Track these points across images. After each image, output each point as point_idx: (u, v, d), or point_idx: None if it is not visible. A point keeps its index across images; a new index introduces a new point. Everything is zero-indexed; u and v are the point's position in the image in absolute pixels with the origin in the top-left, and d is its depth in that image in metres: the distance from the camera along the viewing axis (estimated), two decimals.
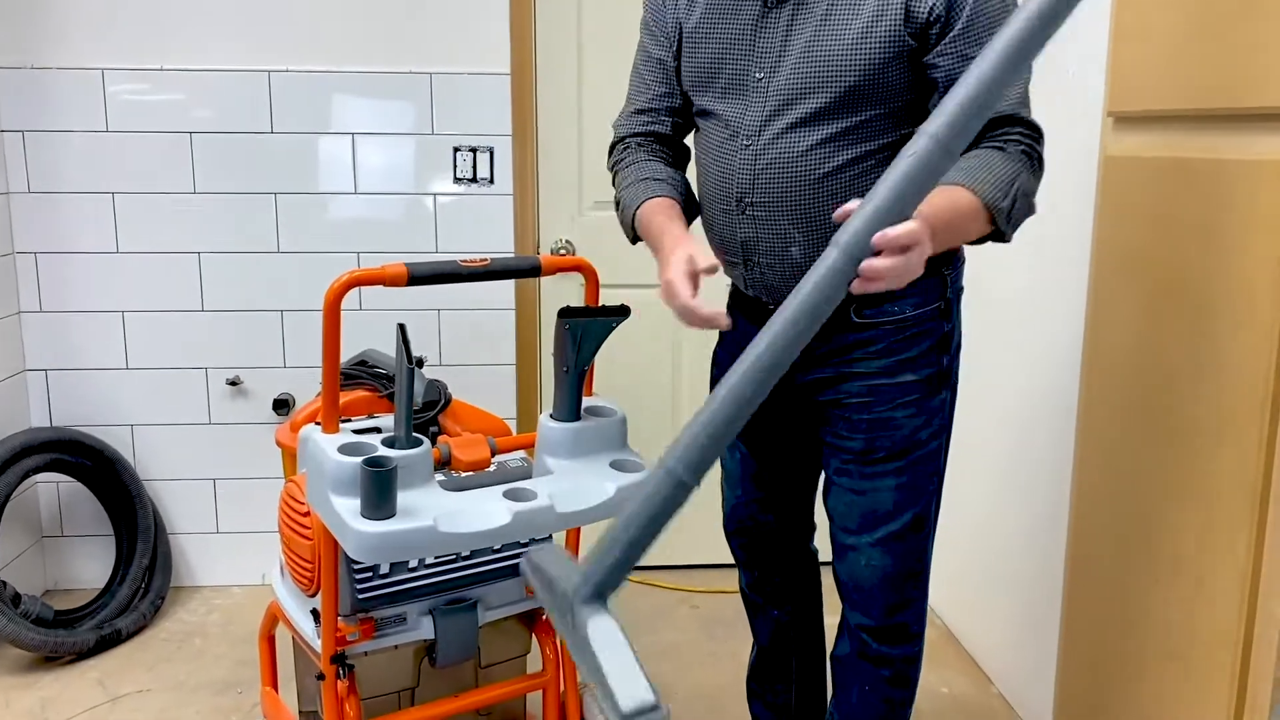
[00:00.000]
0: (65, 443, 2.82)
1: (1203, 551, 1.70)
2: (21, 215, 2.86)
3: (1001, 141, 1.53)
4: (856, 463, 1.74)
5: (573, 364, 1.77)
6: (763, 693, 2.14)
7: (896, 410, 1.69)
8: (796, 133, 1.60)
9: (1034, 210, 1.55)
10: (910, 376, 1.69)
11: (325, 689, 1.81)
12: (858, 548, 1.77)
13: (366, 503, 1.56)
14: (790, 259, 1.66)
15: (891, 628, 1.79)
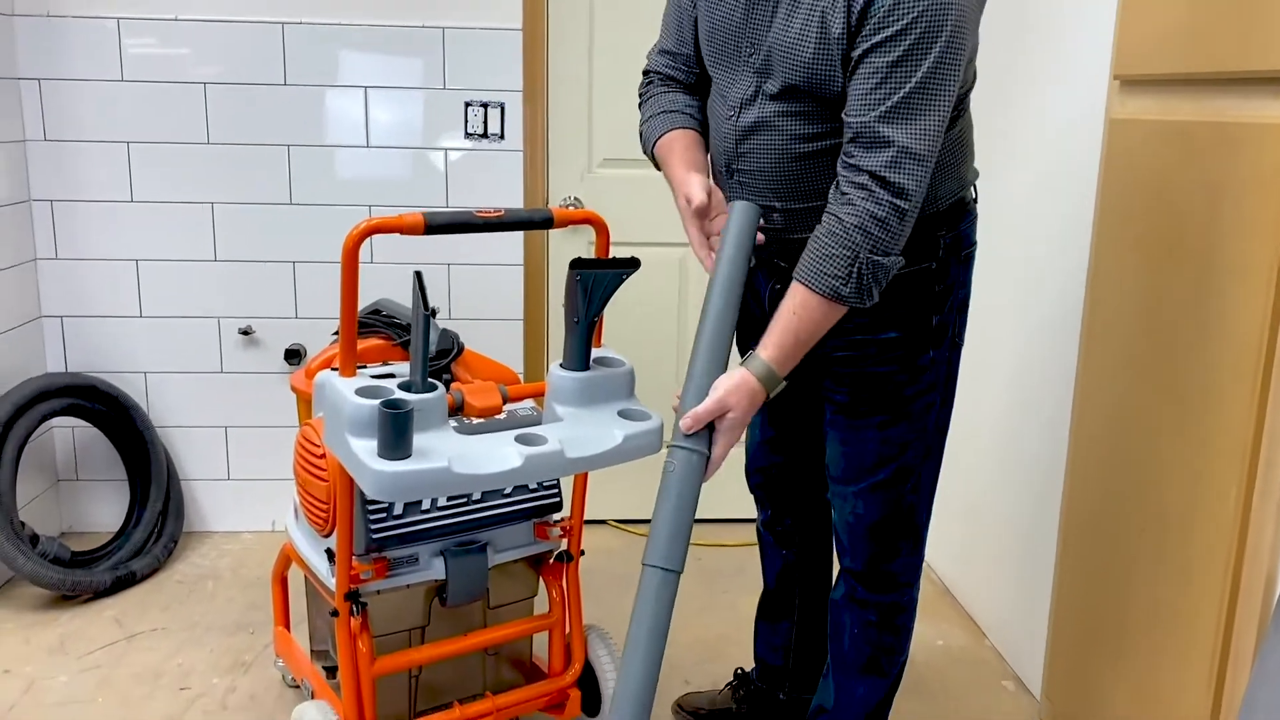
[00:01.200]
0: (81, 388, 2.88)
1: (1193, 508, 1.75)
2: (38, 163, 2.90)
3: (840, 207, 1.53)
4: (843, 414, 1.80)
5: (583, 315, 1.81)
6: (767, 631, 2.21)
7: (881, 366, 1.75)
8: (777, 110, 1.64)
9: (891, 267, 1.54)
10: (893, 334, 1.73)
11: (339, 625, 1.87)
12: (845, 496, 1.85)
13: (383, 443, 1.60)
14: (772, 223, 1.72)
15: (877, 575, 1.87)
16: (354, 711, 1.88)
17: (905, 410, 1.77)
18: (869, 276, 1.52)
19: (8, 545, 2.56)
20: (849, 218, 1.51)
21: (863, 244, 1.51)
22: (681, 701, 2.28)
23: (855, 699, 1.93)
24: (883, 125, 1.49)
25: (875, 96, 1.49)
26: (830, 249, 1.53)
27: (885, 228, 1.51)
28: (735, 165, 1.72)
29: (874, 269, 1.52)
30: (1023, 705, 2.37)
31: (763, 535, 2.19)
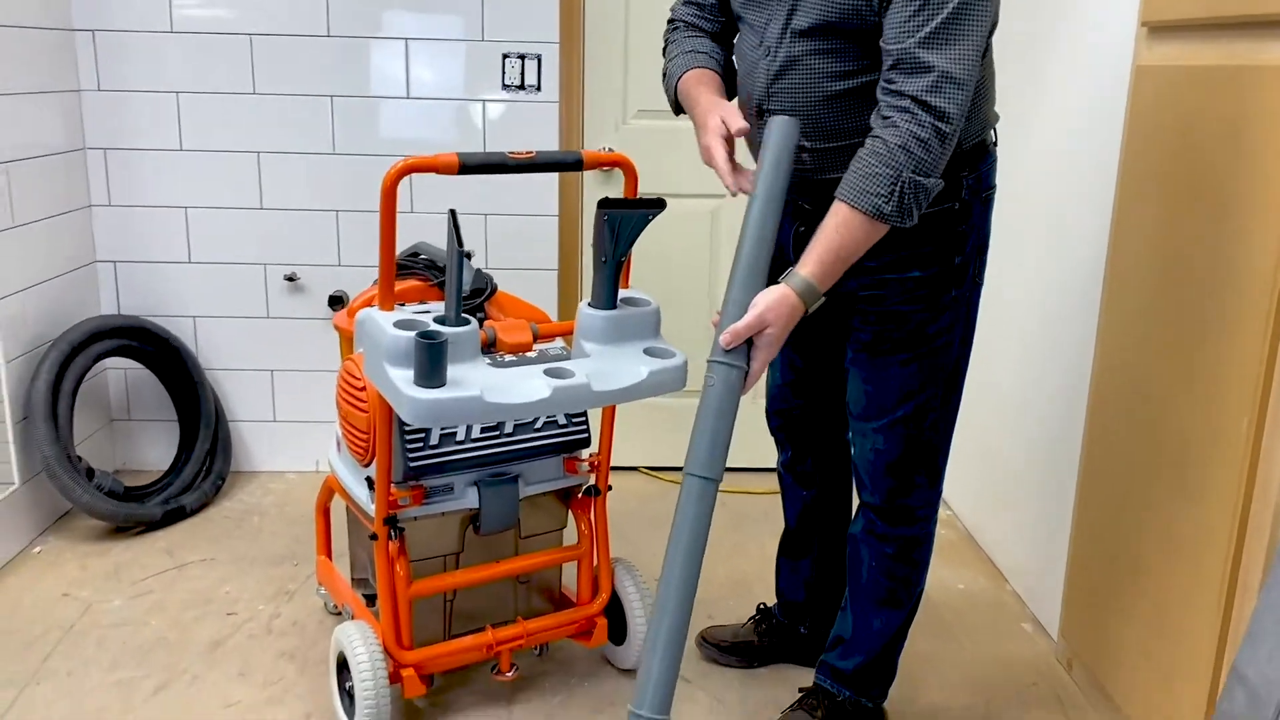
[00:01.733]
0: (133, 330, 2.99)
1: (1207, 443, 1.79)
2: (92, 112, 3.00)
3: (881, 130, 1.57)
4: (866, 352, 1.86)
5: (610, 254, 1.87)
6: (788, 568, 2.28)
7: (904, 304, 1.80)
8: (808, 49, 1.68)
9: (932, 189, 1.58)
10: (916, 273, 1.78)
11: (377, 549, 1.96)
12: (865, 433, 1.90)
13: (419, 372, 1.68)
14: (802, 164, 1.76)
15: (895, 509, 1.92)
16: (391, 630, 1.98)
17: (927, 348, 1.82)
18: (910, 196, 1.56)
19: (65, 478, 2.69)
20: (892, 138, 1.55)
21: (905, 163, 1.54)
22: (705, 634, 2.36)
23: (873, 630, 2.00)
24: (922, 51, 1.53)
25: (914, 23, 1.53)
26: (873, 168, 1.56)
27: (927, 149, 1.54)
28: (767, 106, 1.76)
29: (915, 189, 1.56)
30: (1040, 646, 2.42)
31: (783, 476, 2.25)
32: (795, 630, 2.30)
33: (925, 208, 1.60)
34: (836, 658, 2.04)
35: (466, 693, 2.18)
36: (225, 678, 2.21)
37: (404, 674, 1.98)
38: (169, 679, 2.20)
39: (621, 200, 1.82)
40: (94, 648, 2.30)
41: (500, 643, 2.07)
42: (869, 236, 1.60)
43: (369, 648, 1.93)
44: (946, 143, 1.56)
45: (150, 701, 2.12)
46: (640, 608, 2.20)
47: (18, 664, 2.23)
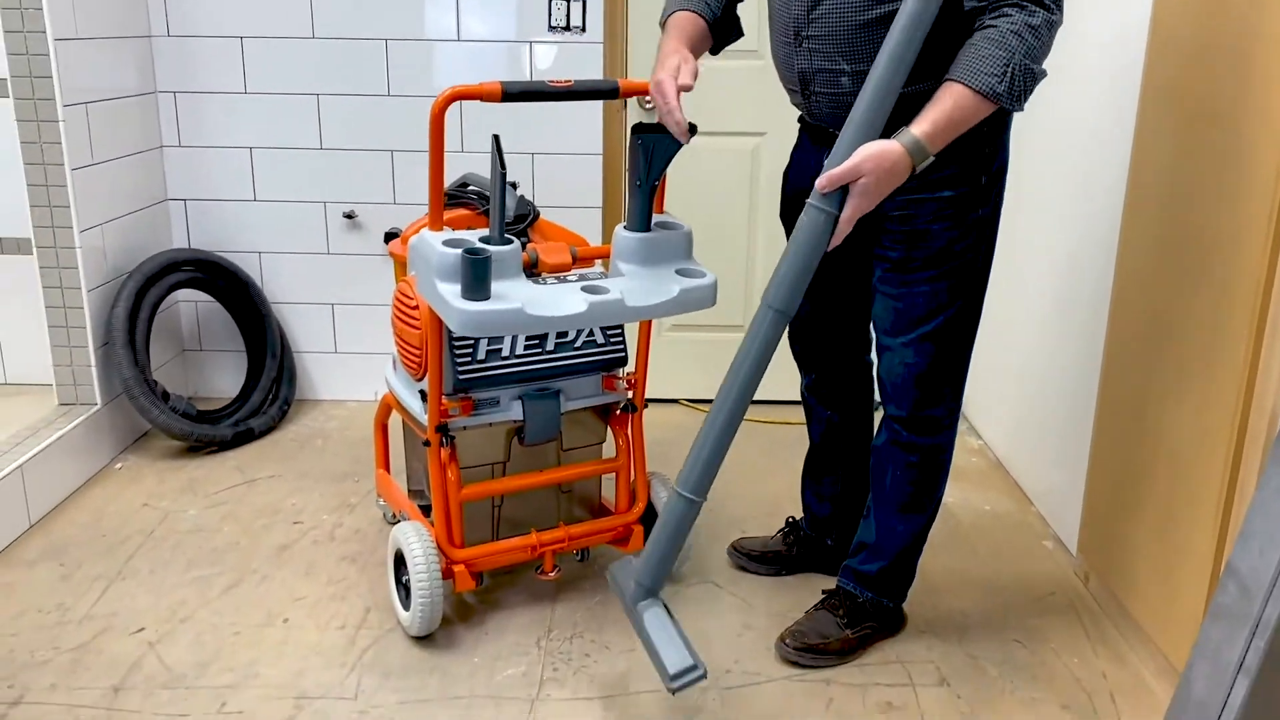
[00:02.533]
0: (204, 263, 3.18)
1: (1210, 360, 1.87)
2: (163, 57, 3.17)
3: (992, 20, 1.67)
4: (895, 271, 1.95)
5: (644, 178, 1.99)
6: (814, 484, 2.40)
7: (934, 223, 1.90)
8: None
9: (1039, 77, 1.69)
10: (947, 193, 1.88)
11: (430, 455, 2.12)
12: (893, 348, 2.01)
13: (466, 286, 1.83)
14: (841, 88, 1.87)
15: (921, 419, 2.03)
16: (443, 529, 2.14)
17: (956, 264, 1.93)
18: (1021, 80, 1.66)
19: (143, 399, 2.89)
20: (1005, 25, 1.65)
21: (1018, 48, 1.64)
22: (736, 544, 2.49)
23: (896, 534, 2.12)
24: None
25: None
26: (986, 50, 1.66)
27: (1038, 35, 1.65)
28: (805, 32, 1.86)
29: (1026, 74, 1.66)
30: (1060, 561, 2.53)
31: (807, 398, 2.37)
32: (822, 542, 2.43)
33: (1030, 94, 1.69)
34: (859, 562, 2.17)
35: (513, 592, 2.35)
36: (292, 576, 2.40)
37: (455, 569, 2.14)
38: (241, 577, 2.39)
39: (655, 125, 1.94)
40: (172, 550, 2.51)
41: (544, 544, 2.22)
42: (978, 114, 1.68)
43: (424, 544, 2.10)
44: (1053, 33, 1.67)
45: (225, 596, 2.32)
46: None
47: (104, 563, 2.44)
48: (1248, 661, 1.61)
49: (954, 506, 2.77)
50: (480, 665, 2.10)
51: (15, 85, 2.69)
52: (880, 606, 2.16)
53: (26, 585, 2.33)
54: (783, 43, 1.94)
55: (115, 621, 2.21)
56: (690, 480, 1.82)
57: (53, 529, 2.58)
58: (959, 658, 2.15)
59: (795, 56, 1.91)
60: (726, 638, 2.20)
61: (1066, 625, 2.27)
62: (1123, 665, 2.13)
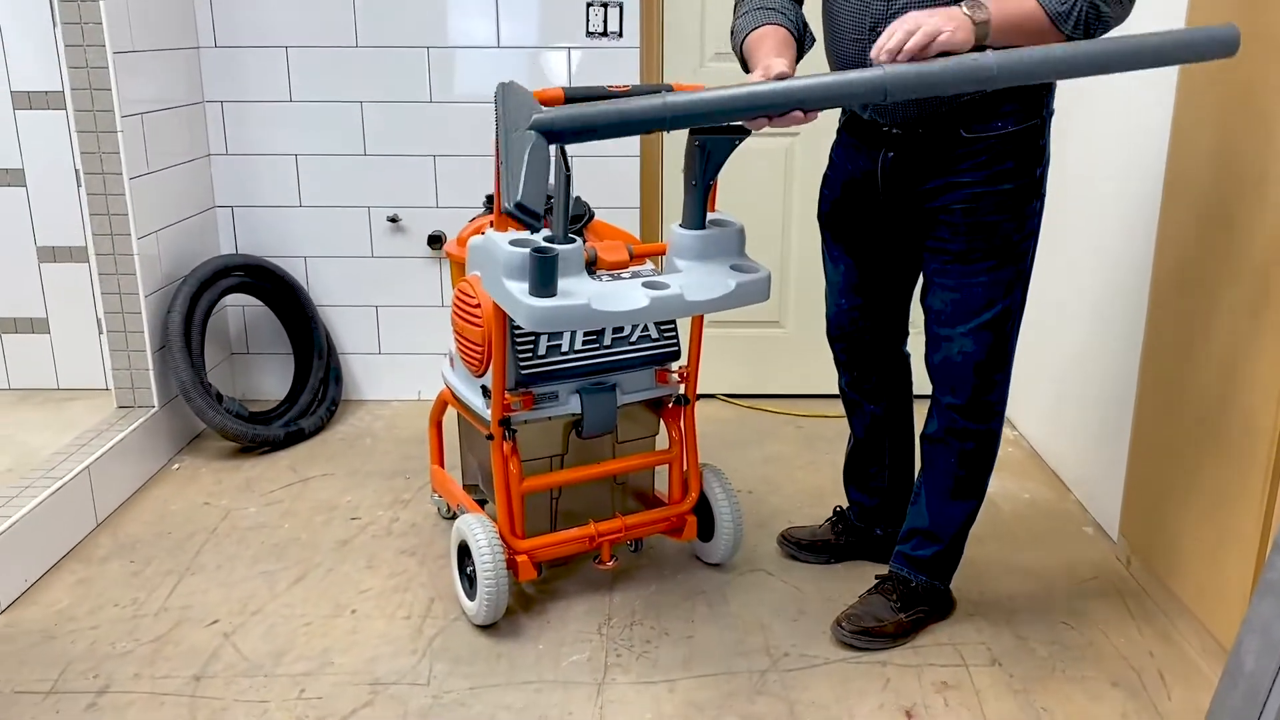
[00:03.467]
0: (254, 268, 3.26)
1: (1248, 350, 1.93)
2: (210, 68, 3.25)
3: None
4: (956, 263, 2.02)
5: (700, 178, 2.06)
6: (858, 477, 2.47)
7: (995, 214, 1.97)
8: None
9: (1106, 19, 1.74)
10: (1008, 186, 1.96)
11: (493, 448, 2.19)
12: (952, 338, 2.07)
13: (534, 284, 1.89)
14: None
15: (978, 405, 2.10)
16: (506, 520, 2.21)
17: (1013, 254, 2.00)
18: (1086, 16, 1.72)
19: (200, 401, 2.97)
20: None
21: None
22: (785, 534, 2.56)
23: (950, 519, 2.19)
24: None
25: None
26: None
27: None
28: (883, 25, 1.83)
29: (1093, 11, 1.72)
30: (1101, 546, 2.59)
31: (848, 394, 2.41)
32: (871, 532, 2.49)
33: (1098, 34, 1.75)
34: (912, 548, 2.23)
35: (571, 582, 2.42)
36: (356, 569, 2.47)
37: (518, 559, 2.21)
38: (306, 571, 2.47)
39: (711, 127, 2.00)
40: (236, 545, 2.58)
41: (601, 535, 2.29)
42: (1042, 34, 1.73)
43: (488, 534, 2.17)
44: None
45: (293, 588, 2.39)
46: (727, 508, 2.40)
47: (173, 559, 2.52)
48: None
49: (994, 496, 2.82)
50: (545, 652, 2.16)
51: (76, 98, 2.77)
52: (933, 589, 2.23)
53: (100, 581, 2.41)
54: (853, 40, 1.96)
55: (189, 614, 2.28)
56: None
57: (119, 527, 2.66)
58: (1009, 639, 2.21)
59: (869, 50, 1.84)
60: (782, 622, 2.27)
61: (1111, 607, 2.33)
62: (1169, 644, 2.19)
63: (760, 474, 3.00)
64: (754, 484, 2.92)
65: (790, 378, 3.54)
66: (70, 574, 2.44)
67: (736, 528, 2.41)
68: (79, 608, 2.30)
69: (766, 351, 3.54)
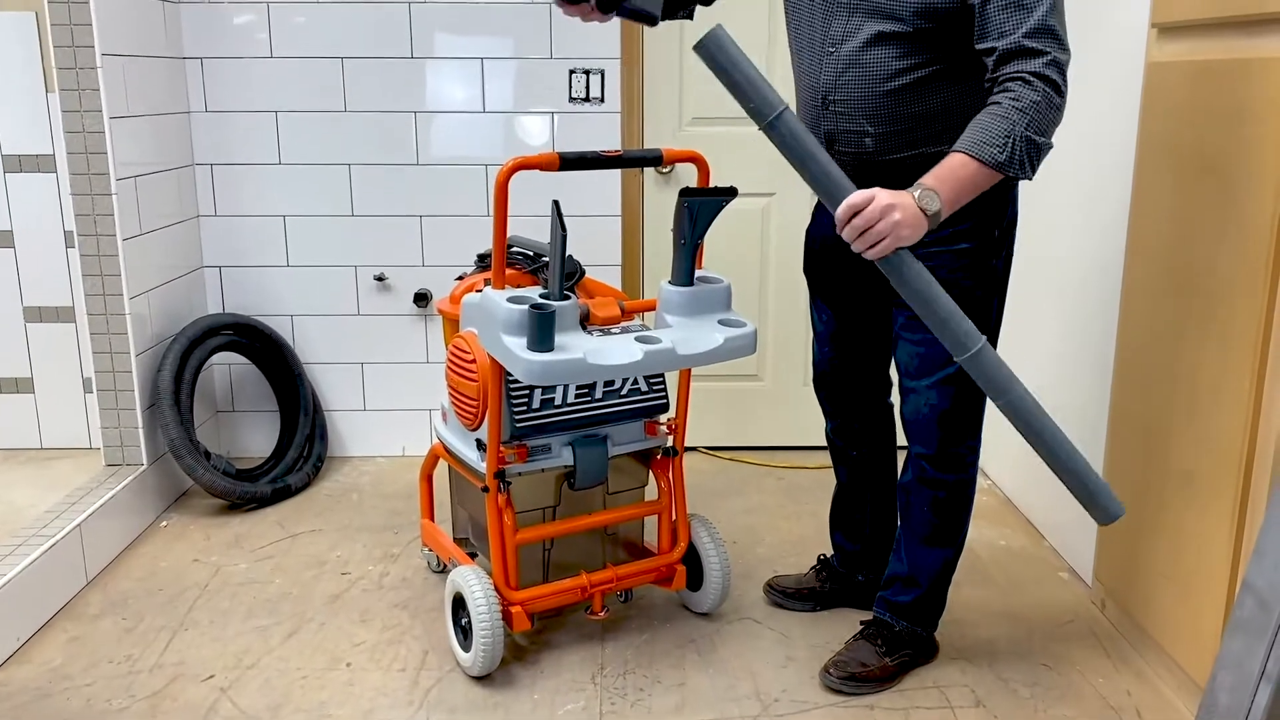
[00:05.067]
0: (242, 326, 3.31)
1: (1217, 389, 2.04)
2: (200, 131, 3.32)
3: (998, 95, 1.81)
4: (917, 318, 2.05)
5: (689, 237, 2.15)
6: (843, 523, 2.54)
7: (955, 274, 2.04)
8: (871, 47, 1.95)
9: (1044, 148, 1.81)
10: (965, 245, 2.05)
11: (488, 501, 2.24)
12: (918, 390, 2.16)
13: (531, 339, 1.97)
14: (864, 148, 2.04)
15: (946, 456, 2.18)
16: (500, 571, 2.26)
17: (974, 311, 1.99)
18: (1023, 149, 1.78)
19: (189, 459, 3.00)
20: (1007, 101, 1.79)
21: (1019, 120, 1.77)
22: (772, 582, 2.61)
23: (926, 566, 2.25)
24: (1031, 41, 1.79)
25: (1014, 21, 1.80)
26: (987, 123, 1.79)
27: (1040, 110, 1.78)
28: (831, 97, 2.03)
29: (1029, 145, 1.79)
30: (1076, 590, 2.67)
31: (833, 440, 2.49)
32: (853, 578, 2.55)
33: (1039, 163, 1.82)
34: (893, 594, 2.30)
35: (563, 633, 2.46)
36: (349, 623, 2.50)
37: (513, 610, 2.25)
38: (299, 625, 2.49)
39: (699, 189, 2.11)
40: (229, 601, 2.60)
41: (594, 585, 2.34)
42: (984, 181, 1.81)
43: (483, 586, 2.21)
44: (1057, 111, 1.81)
45: (287, 643, 2.41)
46: (715, 557, 2.46)
47: (165, 615, 2.53)
48: (1269, 670, 1.75)
49: (972, 542, 2.91)
50: (541, 702, 2.20)
51: (71, 161, 2.83)
52: (915, 635, 2.29)
53: (93, 638, 2.42)
54: (810, 107, 2.10)
55: (185, 670, 2.30)
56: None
57: (110, 585, 2.67)
58: (991, 681, 2.27)
59: (823, 120, 2.06)
60: (772, 669, 2.32)
61: (1088, 648, 2.40)
62: (1145, 683, 2.26)
63: (743, 524, 3.06)
64: (737, 534, 2.98)
65: (769, 429, 3.62)
66: (62, 632, 2.45)
67: (725, 577, 2.47)
68: (73, 665, 2.31)
69: (746, 404, 3.62)
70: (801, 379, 3.58)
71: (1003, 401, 1.80)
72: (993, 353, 1.79)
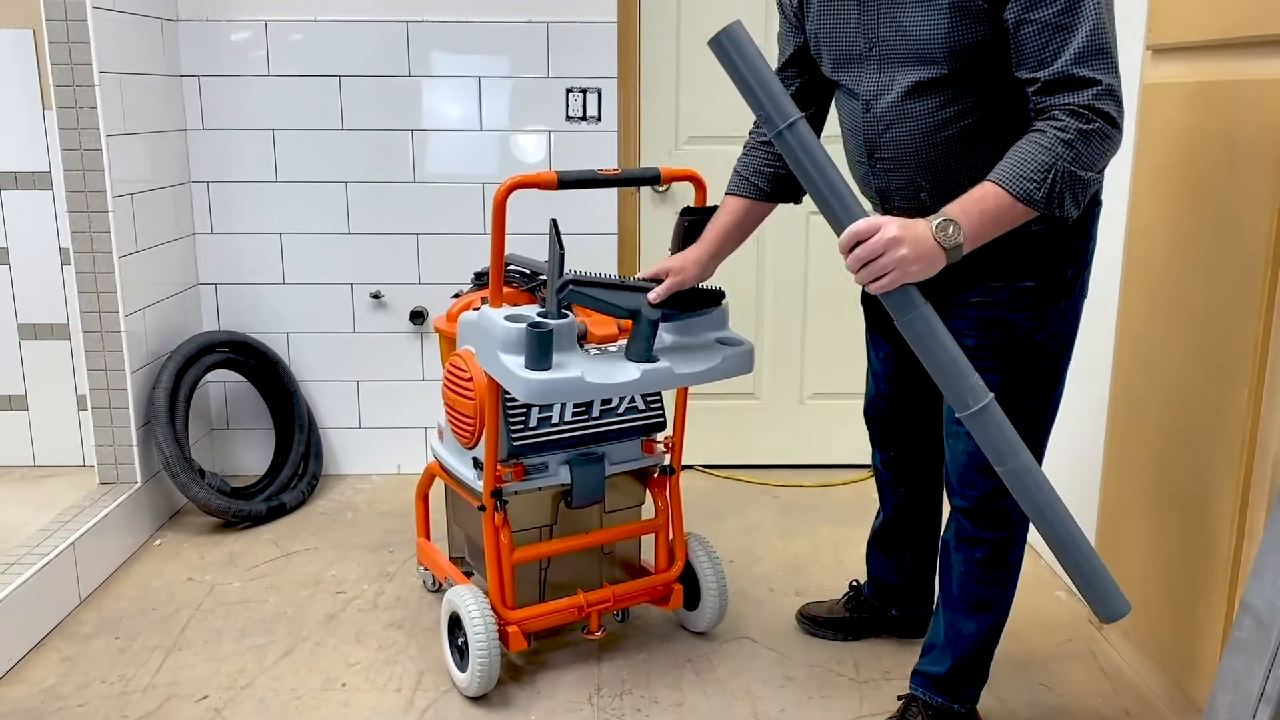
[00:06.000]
0: (237, 344, 3.30)
1: (1215, 413, 2.04)
2: (197, 149, 3.33)
3: (1043, 124, 1.63)
4: (970, 356, 1.80)
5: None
6: (884, 556, 2.43)
7: (1014, 313, 1.86)
8: (912, 98, 1.79)
9: (1091, 183, 1.62)
10: (1030, 283, 1.84)
11: (485, 520, 2.24)
12: (958, 435, 1.94)
13: (529, 358, 1.97)
14: (921, 203, 1.86)
15: (985, 511, 1.96)
16: (497, 591, 2.25)
17: (1034, 355, 1.88)
18: (1064, 186, 1.59)
19: (184, 476, 2.99)
20: (1052, 131, 1.59)
21: (1063, 154, 1.58)
22: (804, 611, 2.54)
23: (964, 635, 2.04)
24: (1080, 68, 1.59)
25: (1055, 44, 1.60)
26: (1027, 153, 1.60)
27: (1088, 142, 1.58)
28: (878, 154, 1.88)
29: (1071, 180, 1.59)
30: (1073, 609, 2.66)
31: (881, 472, 2.38)
32: (886, 611, 2.45)
33: (1084, 202, 1.64)
34: (929, 664, 2.10)
35: (559, 652, 2.44)
36: (344, 643, 2.48)
37: (509, 630, 2.24)
38: (294, 645, 2.47)
39: (698, 208, 2.11)
40: (223, 620, 2.59)
41: (591, 604, 2.33)
42: (1015, 217, 1.63)
43: (480, 605, 2.20)
44: (1109, 144, 1.62)
45: (281, 662, 2.40)
46: (712, 576, 2.45)
47: (159, 635, 2.51)
48: (1268, 690, 1.75)
49: None
50: None
51: (69, 179, 2.83)
52: (953, 713, 2.08)
53: (86, 658, 2.40)
54: (859, 163, 1.96)
55: (179, 690, 2.28)
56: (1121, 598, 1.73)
57: (103, 604, 2.66)
58: (989, 700, 2.26)
59: (873, 176, 1.92)
60: (770, 689, 2.31)
61: (1086, 668, 2.39)
62: (1143, 703, 2.26)
63: (740, 543, 3.06)
64: (734, 553, 2.98)
65: (765, 448, 3.62)
66: (55, 651, 2.43)
67: (722, 596, 2.46)
68: (65, 685, 2.29)
69: (743, 422, 3.62)
70: (798, 397, 3.58)
71: (1004, 469, 1.65)
72: (999, 413, 1.63)
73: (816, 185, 1.64)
